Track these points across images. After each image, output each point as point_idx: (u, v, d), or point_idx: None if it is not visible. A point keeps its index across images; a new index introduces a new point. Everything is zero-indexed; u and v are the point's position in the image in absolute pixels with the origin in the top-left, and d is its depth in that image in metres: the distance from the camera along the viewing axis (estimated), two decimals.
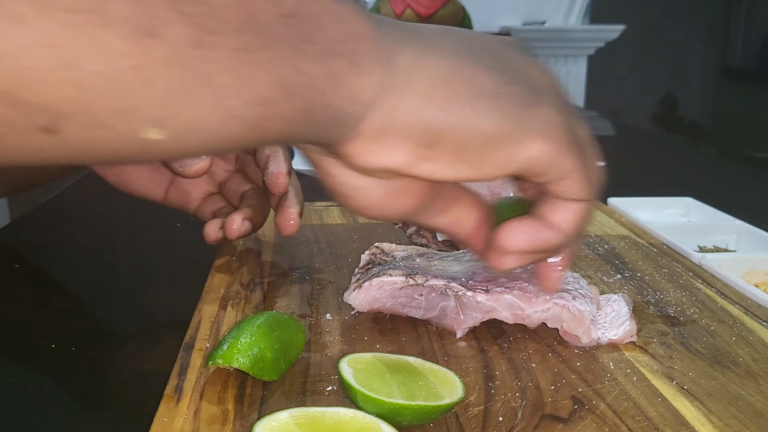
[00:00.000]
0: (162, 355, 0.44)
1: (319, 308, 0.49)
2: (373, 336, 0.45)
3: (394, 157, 0.31)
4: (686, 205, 0.77)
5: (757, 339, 0.46)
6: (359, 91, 0.29)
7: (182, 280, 0.59)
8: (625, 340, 0.44)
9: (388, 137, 0.31)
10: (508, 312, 0.44)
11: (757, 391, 0.39)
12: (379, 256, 0.52)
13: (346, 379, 0.36)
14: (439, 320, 0.46)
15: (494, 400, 0.38)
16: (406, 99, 0.30)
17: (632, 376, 0.41)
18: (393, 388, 0.35)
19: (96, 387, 0.42)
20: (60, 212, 0.83)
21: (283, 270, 0.57)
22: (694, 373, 0.41)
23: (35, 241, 0.72)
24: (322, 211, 0.74)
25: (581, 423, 0.36)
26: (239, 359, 0.37)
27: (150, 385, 0.41)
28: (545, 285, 0.40)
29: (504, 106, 0.32)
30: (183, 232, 0.72)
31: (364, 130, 0.30)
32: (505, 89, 0.32)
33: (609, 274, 0.57)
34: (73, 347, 0.47)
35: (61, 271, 0.62)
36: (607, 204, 0.77)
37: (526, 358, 0.43)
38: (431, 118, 0.31)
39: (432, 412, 0.35)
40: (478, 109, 0.31)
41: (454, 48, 0.32)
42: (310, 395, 0.38)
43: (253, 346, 0.38)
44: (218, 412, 0.36)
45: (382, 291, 0.46)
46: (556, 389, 0.39)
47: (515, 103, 0.32)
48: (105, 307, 0.54)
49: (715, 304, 0.51)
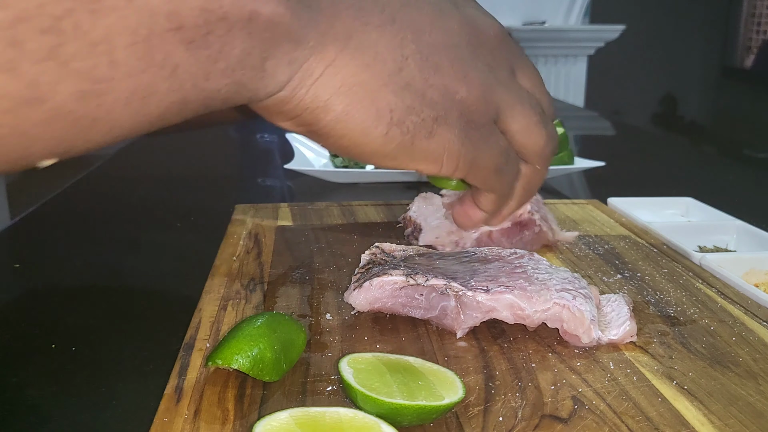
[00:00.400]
0: (162, 355, 0.44)
1: (319, 308, 0.49)
2: (373, 336, 0.45)
3: (288, 126, 0.34)
4: (686, 205, 0.77)
5: (757, 339, 0.46)
6: (264, 89, 0.31)
7: (182, 280, 0.59)
8: (625, 340, 0.45)
9: (285, 112, 0.33)
10: (508, 312, 0.44)
11: (757, 391, 0.39)
12: (379, 256, 0.52)
13: (346, 379, 0.36)
14: (439, 320, 0.46)
15: (494, 400, 0.38)
16: (309, 95, 0.32)
17: (632, 376, 0.41)
18: (393, 388, 0.35)
19: (96, 387, 0.42)
20: (60, 212, 0.83)
21: (283, 270, 0.57)
22: (694, 373, 0.41)
23: (35, 241, 0.72)
24: (322, 211, 0.74)
25: (581, 423, 0.36)
26: (239, 360, 0.37)
27: (150, 385, 0.41)
28: (462, 222, 0.46)
29: (393, 132, 0.33)
30: (183, 232, 0.72)
31: (264, 105, 0.32)
32: (403, 117, 0.34)
33: (609, 274, 0.57)
34: (73, 347, 0.47)
35: (61, 271, 0.62)
36: (607, 204, 0.77)
37: (526, 358, 0.43)
38: (321, 119, 0.33)
39: (432, 412, 0.35)
40: (366, 128, 0.33)
41: (380, 54, 0.33)
42: (310, 395, 0.38)
43: (252, 346, 0.38)
44: (218, 412, 0.36)
45: (383, 291, 0.46)
46: (556, 389, 0.39)
47: (407, 132, 0.34)
48: (105, 307, 0.54)
49: (715, 304, 0.51)
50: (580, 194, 0.92)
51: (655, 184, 1.01)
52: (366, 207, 0.76)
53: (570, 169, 0.94)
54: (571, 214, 0.74)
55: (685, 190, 0.80)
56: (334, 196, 0.86)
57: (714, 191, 0.89)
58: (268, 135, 1.32)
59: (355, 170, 0.93)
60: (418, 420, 0.35)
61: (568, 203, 0.78)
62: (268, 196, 0.90)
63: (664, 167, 1.17)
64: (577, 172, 0.98)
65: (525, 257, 0.50)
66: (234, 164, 1.17)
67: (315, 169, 0.94)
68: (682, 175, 1.10)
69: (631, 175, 1.05)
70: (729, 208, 0.73)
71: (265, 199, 0.82)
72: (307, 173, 0.93)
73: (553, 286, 0.45)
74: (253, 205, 0.75)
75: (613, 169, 0.98)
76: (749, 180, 1.08)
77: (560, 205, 0.77)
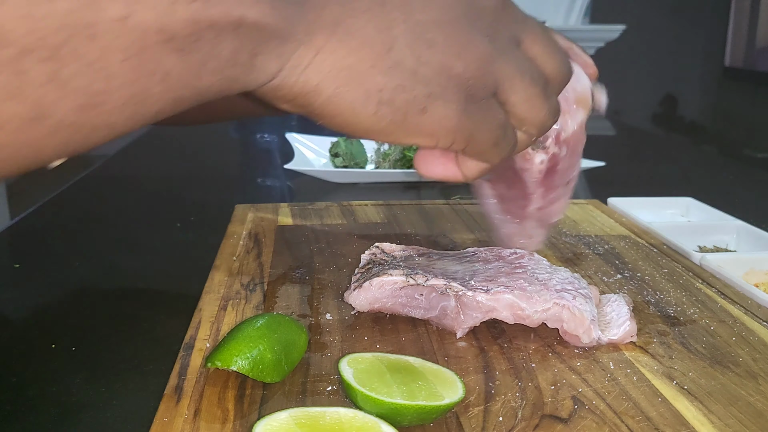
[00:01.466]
0: (162, 355, 0.44)
1: (319, 308, 0.49)
2: (373, 336, 0.45)
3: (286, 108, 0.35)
4: (686, 205, 0.77)
5: (757, 339, 0.46)
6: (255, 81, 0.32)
7: (182, 280, 0.59)
8: (625, 340, 0.45)
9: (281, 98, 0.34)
10: (508, 312, 0.44)
11: (757, 391, 0.39)
12: (379, 256, 0.52)
13: (346, 379, 0.36)
14: (439, 320, 0.46)
15: (494, 400, 0.38)
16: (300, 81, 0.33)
17: (632, 376, 0.41)
18: (393, 388, 0.35)
19: (96, 387, 0.42)
20: (60, 212, 0.83)
21: (283, 270, 0.57)
22: (694, 373, 0.41)
23: (35, 241, 0.72)
24: (322, 211, 0.74)
25: (581, 423, 0.36)
26: (238, 362, 0.37)
27: (150, 385, 0.41)
28: (424, 169, 0.43)
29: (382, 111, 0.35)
30: (183, 232, 0.72)
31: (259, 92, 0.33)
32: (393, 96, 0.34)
33: (609, 274, 0.57)
34: (73, 347, 0.47)
35: (61, 271, 0.62)
36: (607, 204, 0.77)
37: (526, 358, 0.43)
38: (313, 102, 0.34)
39: (432, 412, 0.35)
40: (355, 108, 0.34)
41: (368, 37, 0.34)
42: (310, 395, 0.38)
43: (252, 348, 0.38)
44: (218, 412, 0.36)
45: (383, 291, 0.46)
46: (556, 389, 0.39)
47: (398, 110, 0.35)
48: (105, 307, 0.54)
49: (715, 304, 0.51)
50: (580, 194, 0.92)
51: (655, 184, 1.01)
52: (366, 207, 0.76)
53: None
54: (571, 214, 0.74)
55: (685, 190, 0.80)
56: (334, 196, 0.86)
57: (714, 191, 0.89)
58: (268, 135, 1.32)
59: (355, 170, 0.93)
60: (419, 420, 0.35)
61: (568, 203, 0.78)
62: (268, 196, 0.90)
63: (664, 167, 1.17)
64: None
65: (525, 257, 0.50)
66: (234, 164, 1.17)
67: (315, 169, 0.94)
68: (682, 175, 1.10)
69: (631, 175, 1.05)
70: (729, 208, 0.73)
71: (265, 199, 0.82)
72: (307, 173, 0.93)
73: (553, 286, 0.45)
74: (253, 205, 0.75)
75: (613, 169, 0.98)
76: (749, 180, 1.08)
77: None
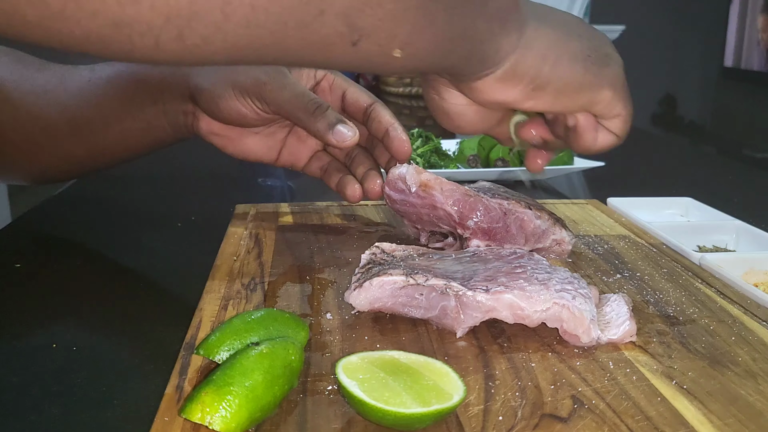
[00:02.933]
0: (162, 355, 0.44)
1: (320, 308, 0.50)
2: (373, 336, 0.45)
3: (510, 95, 0.46)
4: (686, 205, 0.77)
5: (756, 339, 0.46)
6: (502, 46, 0.43)
7: (182, 280, 0.59)
8: (625, 340, 0.45)
9: (511, 80, 0.45)
10: (508, 312, 0.44)
11: (757, 391, 0.39)
12: (379, 256, 0.52)
13: (356, 395, 0.34)
14: (439, 320, 0.46)
15: (494, 400, 0.38)
16: (529, 56, 0.44)
17: (632, 375, 0.41)
18: (403, 396, 0.35)
19: (96, 387, 0.42)
20: (60, 212, 0.83)
21: (284, 270, 0.57)
22: (693, 373, 0.41)
23: (35, 241, 0.72)
24: (322, 211, 0.74)
25: (581, 422, 0.36)
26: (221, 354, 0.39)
27: (150, 385, 0.41)
28: (533, 166, 0.56)
29: (589, 66, 0.46)
30: (183, 232, 0.72)
31: (497, 72, 0.44)
32: (590, 53, 0.46)
33: (609, 274, 0.57)
34: (73, 347, 0.47)
35: (61, 271, 0.62)
36: (607, 204, 0.77)
37: (526, 357, 0.43)
38: (543, 71, 0.45)
39: (446, 413, 0.35)
40: (574, 67, 0.46)
41: (557, 22, 0.46)
42: (310, 395, 0.38)
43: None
44: None
45: (383, 290, 0.46)
46: (556, 389, 0.39)
47: (596, 63, 0.47)
48: (105, 307, 0.54)
49: (715, 304, 0.51)
50: (579, 194, 0.93)
51: (654, 184, 1.01)
52: (366, 207, 0.76)
53: (570, 169, 0.94)
54: (571, 214, 0.74)
55: (685, 190, 0.80)
56: (334, 196, 0.86)
57: (714, 191, 0.89)
58: None
59: None
60: (434, 423, 0.35)
61: (568, 203, 0.78)
62: (268, 196, 0.91)
63: (664, 167, 1.17)
64: (577, 172, 0.98)
65: (525, 257, 0.50)
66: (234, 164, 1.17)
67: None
68: (681, 175, 1.10)
69: (631, 175, 1.05)
70: (729, 208, 0.73)
71: (265, 199, 0.82)
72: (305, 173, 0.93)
73: (552, 286, 0.45)
74: (253, 205, 0.75)
75: (612, 169, 0.98)
76: (749, 180, 1.08)
77: (560, 205, 0.77)
